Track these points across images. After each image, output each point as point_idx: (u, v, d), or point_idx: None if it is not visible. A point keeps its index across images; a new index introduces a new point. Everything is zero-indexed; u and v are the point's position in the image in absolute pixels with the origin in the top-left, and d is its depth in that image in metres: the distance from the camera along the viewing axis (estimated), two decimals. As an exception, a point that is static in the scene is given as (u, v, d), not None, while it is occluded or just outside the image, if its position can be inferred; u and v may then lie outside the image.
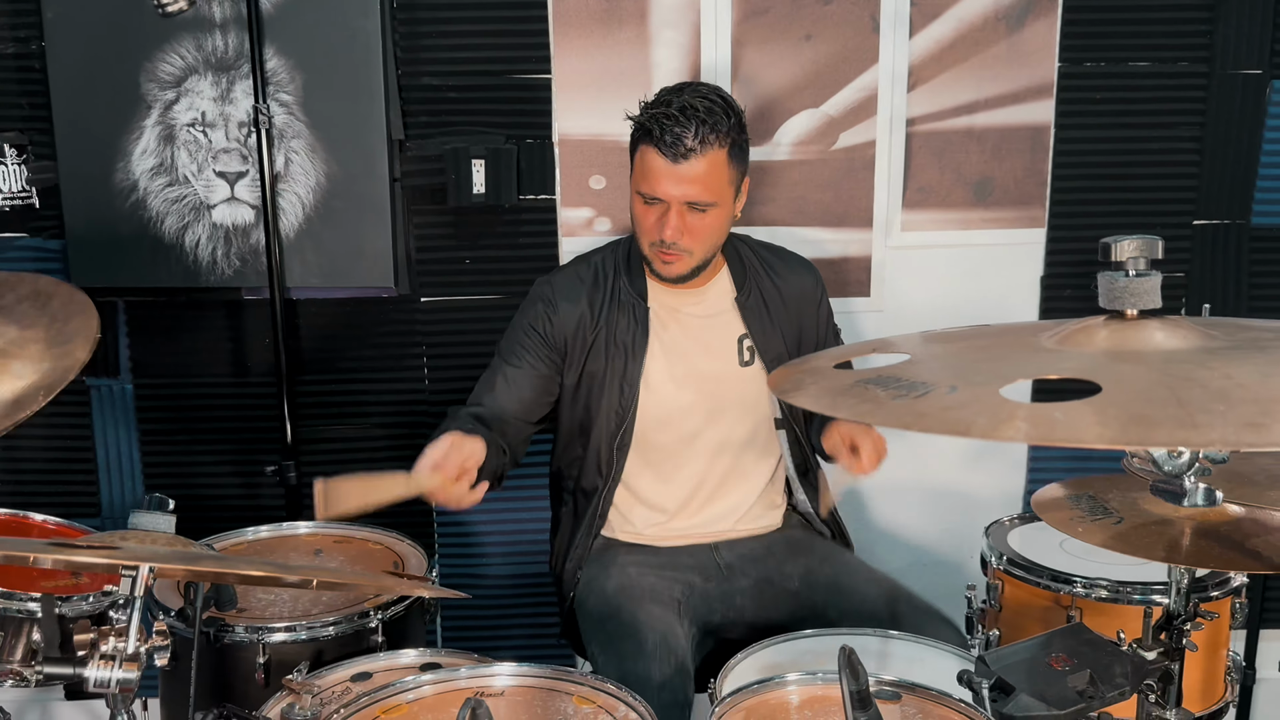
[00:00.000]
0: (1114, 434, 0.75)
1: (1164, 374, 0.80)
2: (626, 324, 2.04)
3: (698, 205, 1.93)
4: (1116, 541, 1.47)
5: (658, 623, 1.85)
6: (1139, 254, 0.84)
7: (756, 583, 2.06)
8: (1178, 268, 2.71)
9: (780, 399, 2.09)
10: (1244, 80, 2.63)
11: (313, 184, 2.50)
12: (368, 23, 2.44)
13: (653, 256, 1.99)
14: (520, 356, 2.05)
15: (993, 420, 0.79)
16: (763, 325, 2.09)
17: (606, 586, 2.00)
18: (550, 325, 2.05)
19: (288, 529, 2.22)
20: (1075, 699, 1.34)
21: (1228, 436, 0.71)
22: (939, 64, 2.61)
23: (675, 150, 1.88)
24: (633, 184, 1.99)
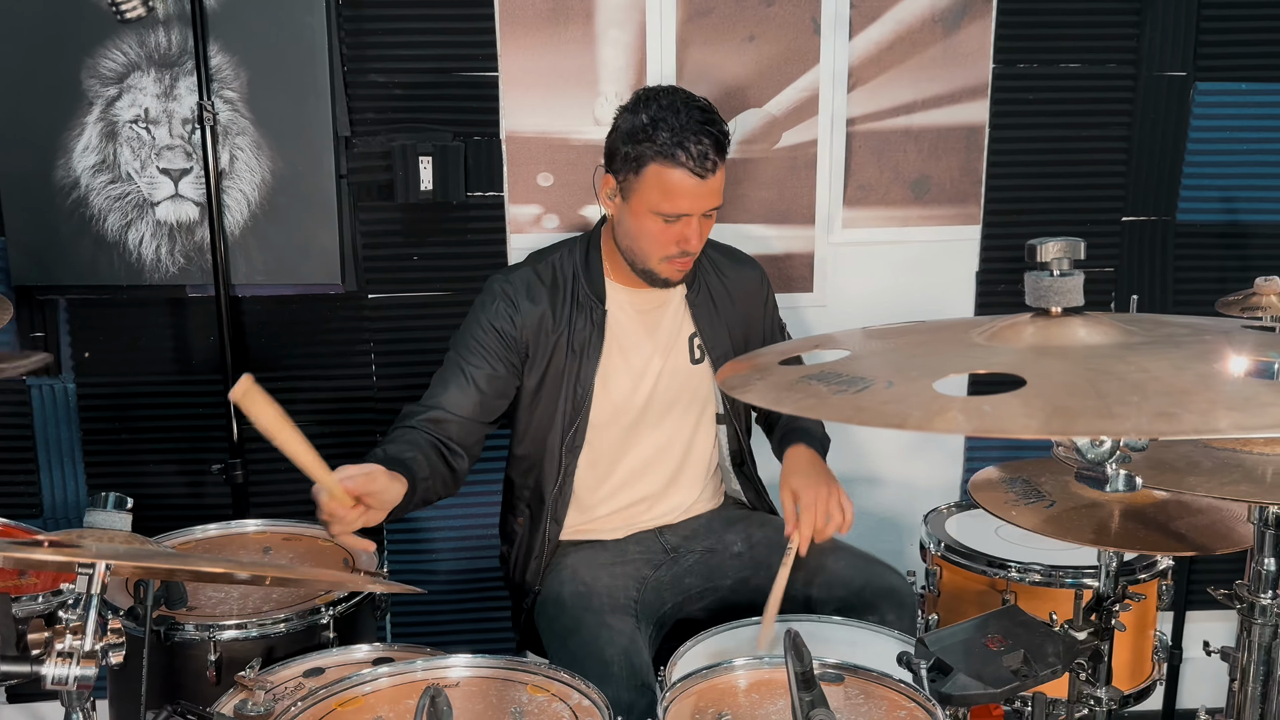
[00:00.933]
0: (1038, 425, 0.79)
1: (1085, 368, 0.85)
2: (583, 326, 2.05)
3: (711, 211, 1.97)
4: (1048, 525, 1.54)
5: (619, 638, 1.85)
6: (1062, 255, 0.89)
7: (702, 555, 2.11)
8: (1107, 263, 2.81)
9: (725, 394, 2.13)
10: (1169, 82, 2.73)
11: (258, 181, 2.49)
12: (313, 19, 2.44)
13: (663, 268, 1.99)
14: (480, 356, 2.02)
15: (927, 413, 0.83)
16: (711, 322, 2.13)
17: (563, 594, 2.00)
18: (512, 326, 2.02)
19: (236, 527, 2.22)
20: (1010, 678, 1.41)
21: (1141, 425, 0.76)
22: (878, 65, 2.68)
23: (704, 167, 1.89)
24: (638, 205, 1.93)
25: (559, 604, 2.00)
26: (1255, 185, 2.80)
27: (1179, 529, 1.53)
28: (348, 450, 2.67)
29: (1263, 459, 1.24)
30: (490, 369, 2.02)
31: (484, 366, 2.02)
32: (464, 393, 2.01)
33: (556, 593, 2.03)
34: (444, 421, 1.99)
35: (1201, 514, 1.56)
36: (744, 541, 2.09)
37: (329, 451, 2.66)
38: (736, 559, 2.07)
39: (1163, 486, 1.21)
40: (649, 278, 2.03)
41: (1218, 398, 0.78)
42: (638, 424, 2.10)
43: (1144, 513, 1.59)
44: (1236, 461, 1.24)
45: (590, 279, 2.07)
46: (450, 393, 2.02)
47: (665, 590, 2.06)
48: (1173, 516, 1.58)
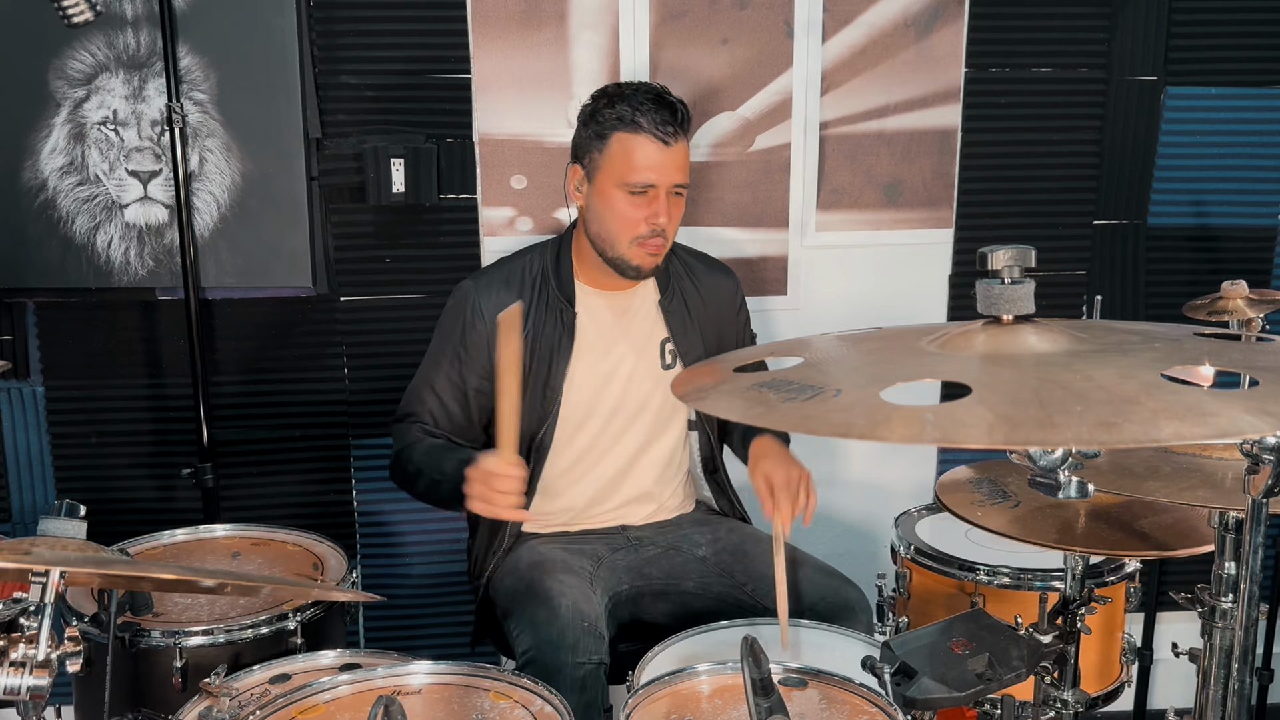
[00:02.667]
0: (979, 434, 0.79)
1: (1031, 376, 0.85)
2: (553, 328, 2.05)
3: (680, 188, 1.99)
4: (1013, 527, 1.54)
5: (570, 590, 1.87)
6: (1013, 263, 0.89)
7: (665, 551, 2.11)
8: (1079, 266, 2.82)
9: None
10: (1140, 86, 2.74)
11: (228, 183, 2.48)
12: (283, 20, 2.42)
13: (633, 254, 1.99)
14: (459, 373, 2.06)
15: (871, 422, 0.83)
16: (684, 328, 2.13)
17: (519, 565, 2.03)
18: (478, 335, 2.04)
19: (204, 532, 2.20)
20: (974, 681, 1.41)
21: (1081, 435, 0.76)
22: (851, 69, 2.68)
23: (666, 132, 1.93)
24: (605, 182, 1.97)
25: (515, 573, 2.02)
26: (1225, 189, 2.82)
27: (1143, 529, 1.54)
28: (321, 454, 2.68)
29: (1222, 464, 1.25)
30: (462, 379, 2.06)
31: (457, 378, 2.06)
32: (444, 406, 2.07)
33: (513, 565, 2.05)
34: (434, 431, 2.05)
35: (1165, 514, 1.57)
36: (709, 545, 2.09)
37: (302, 455, 2.68)
38: (701, 563, 2.07)
39: (1122, 492, 1.22)
40: (620, 266, 2.02)
41: (1160, 406, 0.79)
42: (607, 427, 2.10)
43: (1109, 513, 1.60)
44: (1196, 466, 1.25)
45: (560, 281, 2.07)
46: (430, 406, 2.07)
47: (622, 571, 2.07)
48: (1136, 517, 1.59)
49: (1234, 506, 1.18)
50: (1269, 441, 0.97)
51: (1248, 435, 0.76)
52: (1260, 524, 1.03)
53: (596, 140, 1.97)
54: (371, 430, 2.68)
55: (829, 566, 2.04)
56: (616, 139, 1.95)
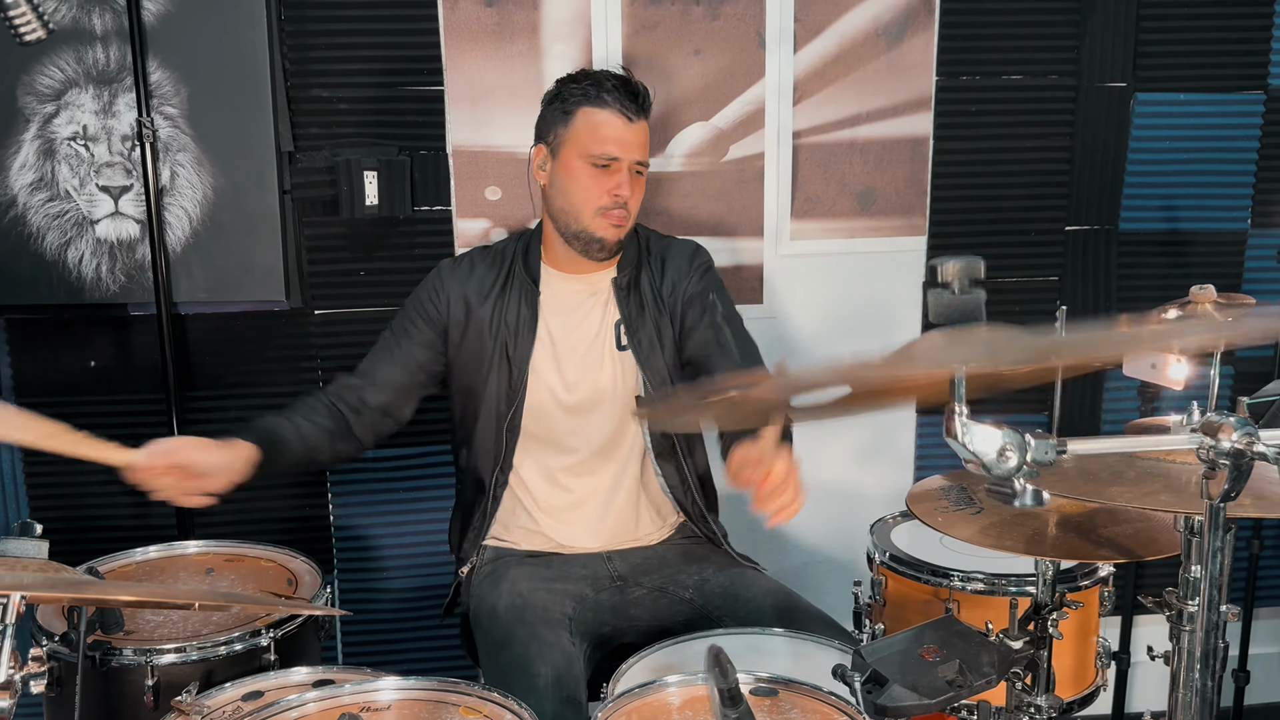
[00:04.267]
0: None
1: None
2: (517, 306, 2.11)
3: (641, 166, 2.06)
4: (982, 535, 1.55)
5: (550, 652, 1.83)
6: (963, 274, 0.90)
7: (650, 592, 2.09)
8: (1051, 272, 2.84)
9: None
10: (1109, 93, 2.77)
11: (199, 197, 2.47)
12: (254, 34, 2.42)
13: (598, 225, 2.04)
14: (401, 337, 2.16)
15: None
16: (637, 311, 2.13)
17: (498, 606, 2.00)
18: (434, 307, 2.13)
19: (177, 549, 2.19)
20: (945, 688, 1.41)
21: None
22: (822, 78, 2.69)
23: (629, 108, 2.01)
24: (570, 155, 2.04)
25: (493, 615, 2.00)
26: (1195, 194, 2.84)
27: (1111, 535, 1.55)
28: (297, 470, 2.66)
29: (1186, 468, 1.26)
30: (408, 354, 2.14)
31: (402, 348, 2.15)
32: (381, 362, 2.15)
33: (492, 605, 2.03)
34: (356, 387, 2.13)
35: (1133, 520, 1.58)
36: (696, 588, 2.07)
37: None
38: (687, 605, 2.05)
39: (1085, 497, 1.22)
40: (585, 239, 2.06)
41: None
42: (574, 410, 2.12)
43: (1078, 520, 1.61)
44: (1160, 471, 1.26)
45: (528, 263, 2.14)
46: (370, 361, 2.16)
47: (606, 613, 2.05)
48: (1105, 523, 1.60)
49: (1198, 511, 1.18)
50: (1224, 446, 0.98)
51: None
52: (1219, 528, 1.04)
53: (562, 116, 2.05)
54: (347, 444, 2.67)
55: (820, 612, 1.97)
56: (582, 113, 2.03)
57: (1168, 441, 1.04)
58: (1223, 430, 0.98)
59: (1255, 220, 2.86)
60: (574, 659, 1.87)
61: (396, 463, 2.70)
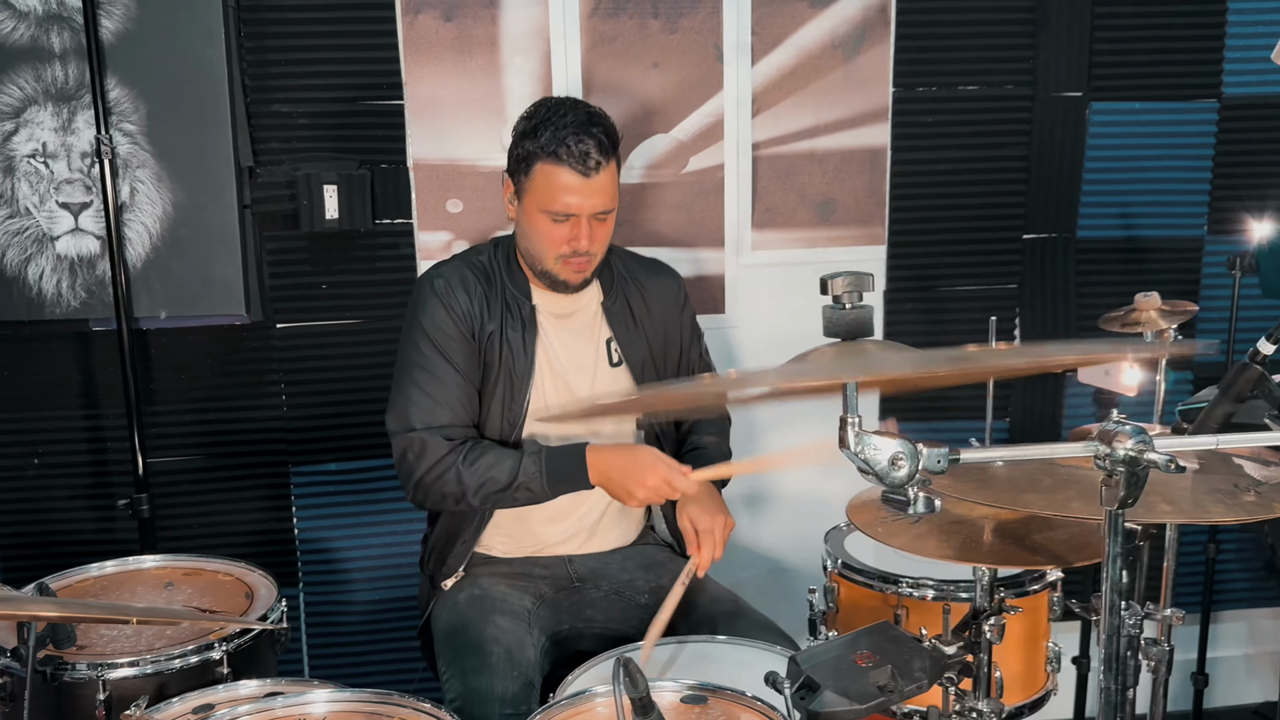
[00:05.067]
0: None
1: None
2: (515, 323, 2.08)
3: (603, 214, 2.01)
4: (917, 543, 1.57)
5: (504, 635, 1.88)
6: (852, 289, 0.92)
7: (607, 595, 2.11)
8: (1010, 280, 2.86)
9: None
10: (1065, 102, 2.79)
11: (159, 213, 2.48)
12: (212, 51, 2.44)
13: (559, 269, 2.03)
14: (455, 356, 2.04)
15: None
16: (627, 330, 2.15)
17: (459, 599, 2.04)
18: (460, 319, 2.04)
19: (133, 563, 2.19)
20: (875, 693, 1.43)
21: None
22: (780, 90, 2.72)
23: (586, 165, 1.95)
24: (530, 205, 2.00)
25: (454, 608, 2.03)
26: (1151, 201, 2.87)
27: (1043, 543, 1.57)
28: (260, 482, 2.68)
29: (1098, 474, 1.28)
30: (465, 367, 2.04)
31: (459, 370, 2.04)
32: (464, 399, 2.03)
33: (454, 598, 2.06)
34: (464, 426, 2.04)
35: (1067, 527, 1.60)
36: (652, 594, 2.08)
37: (241, 484, 2.68)
38: (642, 610, 2.07)
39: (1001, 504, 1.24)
40: (549, 280, 2.06)
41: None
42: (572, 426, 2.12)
43: (1011, 528, 1.63)
44: (1077, 478, 1.28)
45: (513, 278, 2.11)
46: (446, 408, 2.02)
47: (563, 612, 2.07)
48: (1039, 530, 1.62)
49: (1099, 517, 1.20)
50: (1119, 454, 1.00)
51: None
52: (1117, 534, 1.05)
53: (522, 164, 2.01)
54: (311, 457, 2.68)
55: (766, 619, 2.02)
56: (539, 168, 1.97)
57: (1062, 450, 1.06)
58: (1117, 439, 1.00)
59: (1211, 227, 2.89)
60: (528, 645, 1.90)
61: (361, 475, 2.71)
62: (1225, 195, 2.87)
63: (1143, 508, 1.12)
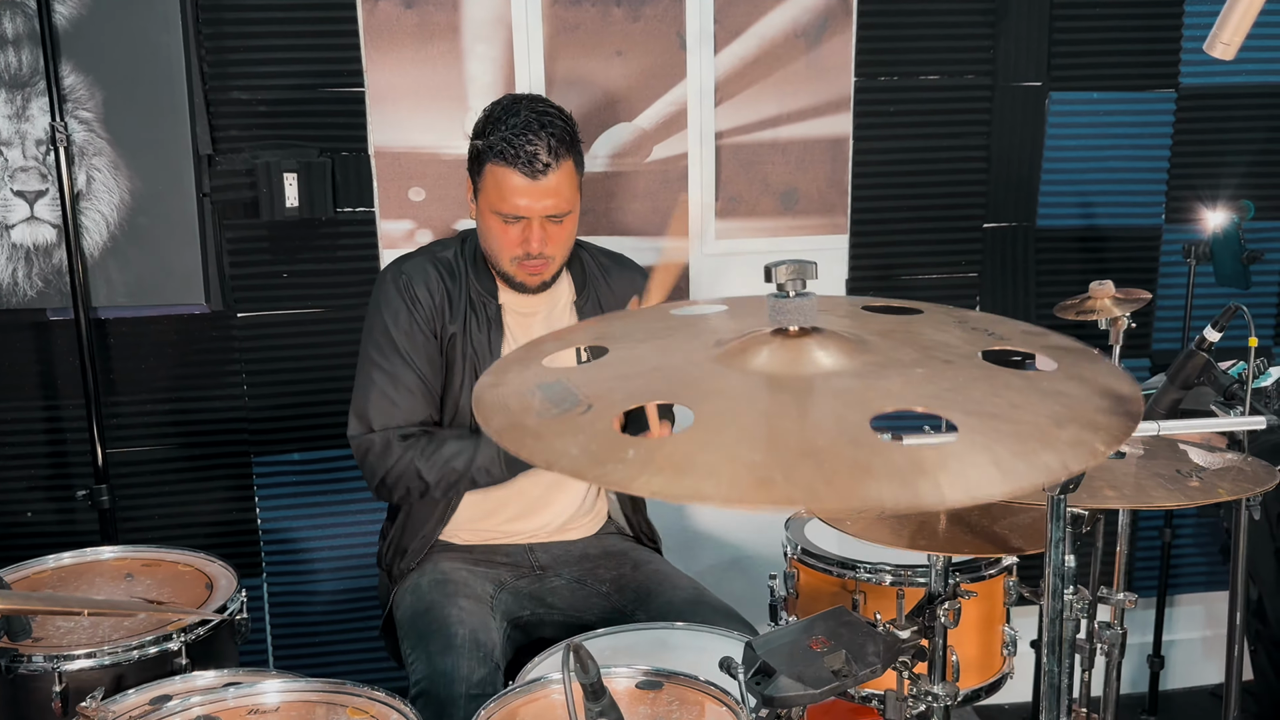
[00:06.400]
0: (658, 483, 0.76)
1: (766, 410, 0.84)
2: (480, 322, 2.07)
3: (556, 216, 1.98)
4: (873, 530, 1.58)
5: (468, 617, 1.89)
6: (796, 276, 0.92)
7: (569, 583, 2.12)
8: (971, 269, 2.89)
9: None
10: (1025, 92, 2.82)
11: (116, 201, 2.46)
12: (169, 37, 2.41)
13: (514, 271, 2.02)
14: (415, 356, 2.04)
15: (584, 455, 0.79)
16: None
17: (421, 583, 2.04)
18: (421, 318, 2.04)
19: (91, 555, 2.17)
20: (830, 678, 1.44)
21: (733, 493, 0.74)
22: (743, 79, 2.73)
23: (533, 167, 1.92)
24: (483, 205, 1.99)
25: (416, 591, 2.03)
26: (1109, 190, 2.90)
27: (996, 530, 1.59)
28: (222, 472, 2.66)
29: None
30: (425, 363, 2.04)
31: (418, 366, 2.04)
32: (422, 399, 2.04)
33: (416, 582, 2.06)
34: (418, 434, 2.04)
35: (1021, 514, 1.62)
36: (614, 584, 2.09)
37: (202, 474, 2.66)
38: (603, 599, 2.08)
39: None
40: (507, 280, 2.06)
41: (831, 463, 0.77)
42: None
43: (968, 515, 1.65)
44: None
45: (479, 275, 2.09)
46: (404, 407, 2.03)
47: (525, 598, 2.08)
48: (995, 518, 1.64)
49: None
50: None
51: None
52: (1059, 519, 1.07)
53: (475, 165, 2.01)
54: (273, 447, 2.67)
55: (728, 607, 2.02)
56: (489, 169, 1.97)
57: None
58: (1059, 425, 1.01)
59: (1168, 216, 2.93)
60: (492, 628, 1.90)
61: (324, 465, 2.70)
62: (1182, 185, 2.91)
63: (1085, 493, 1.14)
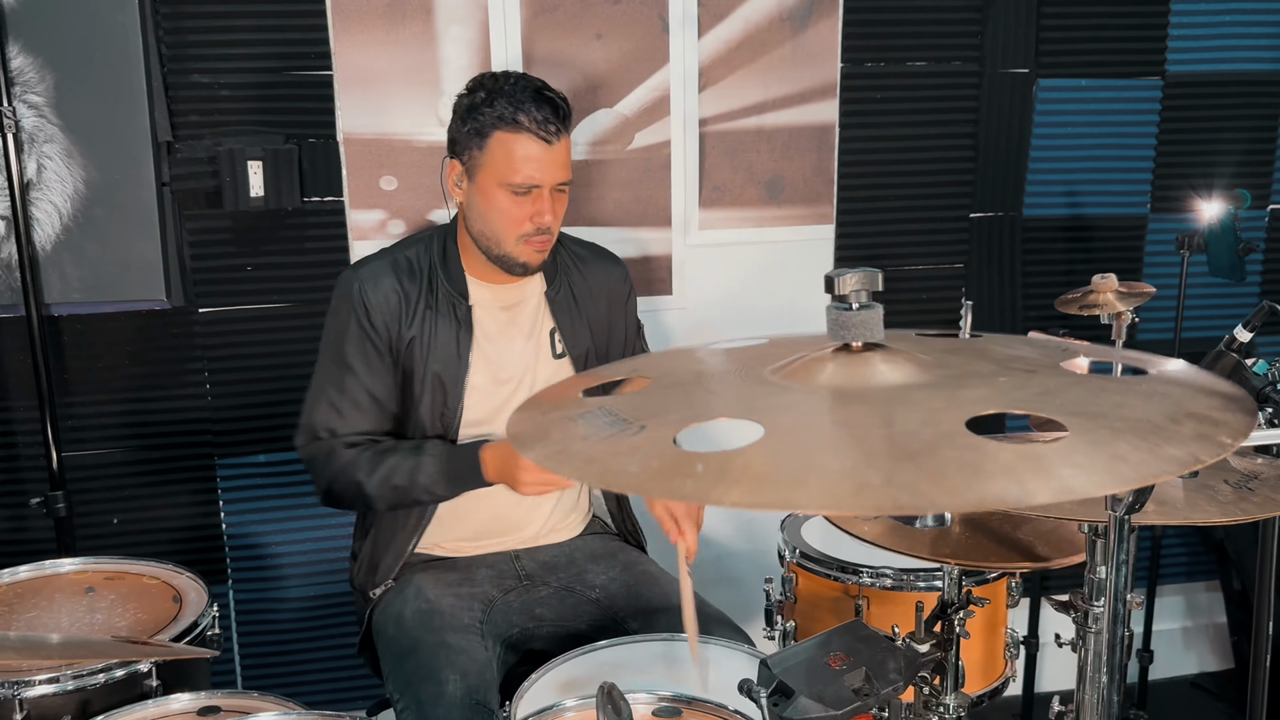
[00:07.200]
0: (740, 493, 0.73)
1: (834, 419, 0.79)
2: (448, 325, 1.96)
3: (563, 185, 1.92)
4: (887, 536, 1.52)
5: (458, 656, 1.78)
6: (860, 287, 0.85)
7: (557, 591, 2.03)
8: (956, 259, 2.84)
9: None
10: (1012, 79, 2.76)
11: (70, 192, 2.32)
12: (125, 17, 2.27)
13: (520, 251, 1.92)
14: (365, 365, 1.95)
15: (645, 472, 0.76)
16: (571, 318, 2.06)
17: (404, 612, 1.93)
18: (377, 326, 1.94)
19: (50, 568, 2.06)
20: (851, 698, 1.37)
21: (826, 499, 0.71)
22: (728, 65, 2.64)
23: (548, 131, 1.85)
24: (488, 181, 1.88)
25: (399, 623, 1.92)
26: (1096, 179, 2.87)
27: (1018, 538, 1.53)
28: (184, 476, 2.54)
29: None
30: (364, 380, 1.95)
31: (358, 382, 1.95)
32: (358, 413, 1.95)
33: (398, 611, 1.95)
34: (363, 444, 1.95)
35: (1039, 523, 1.56)
36: (603, 588, 2.01)
37: (163, 478, 2.53)
38: (594, 605, 2.00)
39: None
40: (507, 264, 1.95)
41: (937, 466, 0.73)
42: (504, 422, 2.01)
43: (984, 522, 1.59)
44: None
45: (450, 275, 1.99)
46: (350, 417, 1.95)
47: (514, 614, 1.98)
48: (1013, 525, 1.58)
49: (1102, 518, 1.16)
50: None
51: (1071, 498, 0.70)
52: (1124, 540, 1.01)
53: (476, 138, 1.89)
54: (238, 449, 2.55)
55: (721, 614, 1.94)
56: (497, 138, 1.87)
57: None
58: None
59: (1154, 205, 2.90)
60: (485, 665, 1.81)
61: (291, 466, 2.58)
62: (1168, 173, 2.88)
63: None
